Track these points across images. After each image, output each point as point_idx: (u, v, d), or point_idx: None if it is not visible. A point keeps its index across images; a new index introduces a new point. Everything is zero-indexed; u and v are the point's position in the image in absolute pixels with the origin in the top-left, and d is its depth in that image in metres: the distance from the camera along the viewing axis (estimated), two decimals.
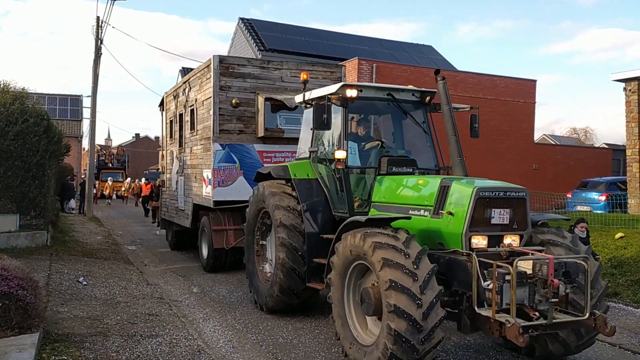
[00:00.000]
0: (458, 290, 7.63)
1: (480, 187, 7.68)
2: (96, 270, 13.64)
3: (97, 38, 32.37)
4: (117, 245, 19.59)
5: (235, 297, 11.90)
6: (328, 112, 9.20)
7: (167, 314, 10.00)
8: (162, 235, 21.62)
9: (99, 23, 32.29)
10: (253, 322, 10.02)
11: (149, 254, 18.08)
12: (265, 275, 10.93)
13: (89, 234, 22.23)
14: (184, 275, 14.23)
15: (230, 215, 14.04)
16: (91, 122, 34.28)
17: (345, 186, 9.48)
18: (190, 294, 12.05)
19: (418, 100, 10.18)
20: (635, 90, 22.48)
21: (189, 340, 8.55)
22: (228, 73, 13.52)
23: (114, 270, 14.05)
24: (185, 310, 10.58)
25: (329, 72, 14.30)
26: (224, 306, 11.06)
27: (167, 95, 18.65)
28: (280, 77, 13.95)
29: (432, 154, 10.24)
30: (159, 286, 12.65)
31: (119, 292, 11.47)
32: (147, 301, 10.89)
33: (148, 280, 13.27)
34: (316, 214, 10.01)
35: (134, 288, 12.03)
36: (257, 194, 10.90)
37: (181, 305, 11.01)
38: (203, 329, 9.43)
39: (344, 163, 9.31)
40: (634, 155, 23.08)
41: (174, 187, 17.44)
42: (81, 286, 11.67)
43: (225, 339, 8.99)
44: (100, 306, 10.18)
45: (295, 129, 13.48)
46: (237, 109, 13.57)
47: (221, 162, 13.42)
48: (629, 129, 23.07)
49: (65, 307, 9.92)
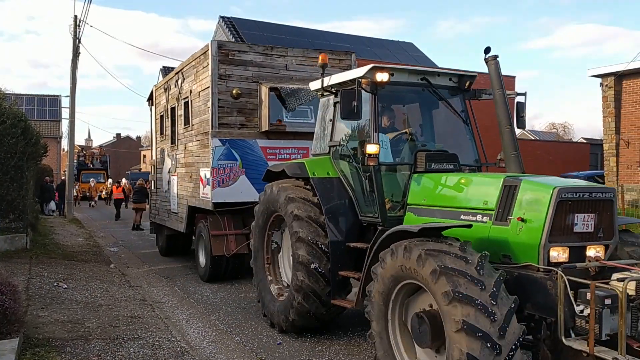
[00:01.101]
0: (534, 314, 6.01)
1: (562, 187, 6.08)
2: (77, 273, 13.16)
3: (75, 37, 31.40)
4: (98, 247, 19.01)
5: (219, 297, 11.50)
6: (358, 99, 7.59)
7: (149, 316, 9.69)
8: (144, 237, 21.40)
9: (77, 22, 31.28)
10: (237, 322, 9.67)
11: (131, 255, 17.58)
12: (278, 290, 9.29)
13: (70, 236, 21.58)
14: (167, 276, 13.75)
15: (231, 219, 12.35)
16: (70, 122, 33.32)
17: (377, 186, 7.84)
18: (173, 295, 11.69)
19: (456, 85, 8.59)
20: (611, 85, 22.45)
21: (172, 342, 8.30)
22: (228, 60, 11.83)
23: (95, 272, 13.56)
24: (168, 312, 10.26)
25: (337, 60, 12.67)
26: (208, 307, 10.69)
27: (157, 89, 16.79)
28: (285, 65, 12.29)
29: (472, 148, 8.65)
30: (142, 288, 12.28)
31: (101, 295, 11.07)
32: (129, 303, 10.55)
33: (130, 282, 12.83)
34: (340, 219, 8.38)
35: (116, 290, 11.64)
36: (269, 197, 9.22)
37: (164, 306, 10.66)
38: (186, 330, 9.16)
39: (377, 159, 7.68)
40: (610, 149, 23.12)
41: (166, 187, 15.64)
42: (62, 289, 11.22)
43: (209, 339, 8.73)
44: (82, 309, 9.81)
45: (301, 122, 11.90)
46: (237, 101, 11.88)
47: (221, 160, 11.72)
48: (606, 123, 22.97)
49: (46, 311, 9.55)
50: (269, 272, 9.56)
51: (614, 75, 22.10)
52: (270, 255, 9.64)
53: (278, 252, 9.67)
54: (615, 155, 23.02)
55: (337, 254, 8.20)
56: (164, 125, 15.86)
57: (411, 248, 5.93)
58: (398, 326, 6.51)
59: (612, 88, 22.60)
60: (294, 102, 11.67)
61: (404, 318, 6.49)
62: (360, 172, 8.32)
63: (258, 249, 9.70)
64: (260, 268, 9.60)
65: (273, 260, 9.64)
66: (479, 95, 8.58)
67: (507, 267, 6.19)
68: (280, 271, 9.57)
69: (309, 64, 12.42)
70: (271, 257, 9.64)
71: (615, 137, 22.74)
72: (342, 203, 8.47)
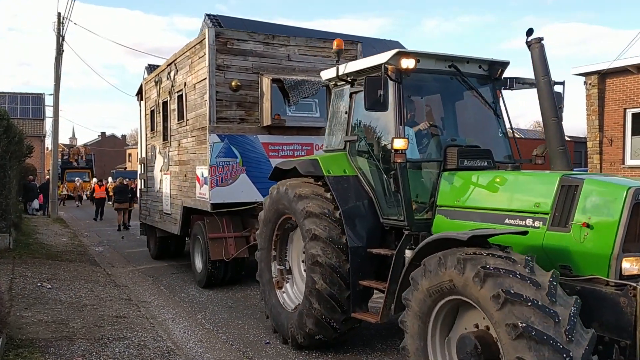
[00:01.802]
0: (603, 336, 5.04)
1: (638, 187, 5.12)
2: (61, 273, 12.77)
3: (58, 35, 30.54)
4: (83, 246, 18.52)
5: (206, 296, 11.16)
6: (385, 88, 6.59)
7: (135, 316, 9.43)
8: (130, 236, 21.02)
9: (60, 19, 30.41)
10: (223, 321, 9.41)
11: (116, 254, 17.15)
12: (288, 300, 8.27)
13: (54, 235, 21.03)
14: (152, 275, 13.35)
15: (230, 220, 11.29)
16: (54, 120, 32.35)
17: (403, 185, 6.83)
18: (159, 295, 11.36)
19: (486, 73, 7.60)
20: (595, 84, 22.06)
21: (158, 341, 8.08)
22: (226, 50, 10.76)
23: (80, 272, 13.17)
24: (154, 311, 9.99)
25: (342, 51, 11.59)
26: (194, 306, 10.42)
27: (147, 82, 15.60)
28: (287, 55, 11.23)
29: (505, 143, 7.70)
30: (127, 287, 11.94)
31: (85, 295, 10.75)
32: (114, 303, 10.27)
33: (115, 281, 12.47)
34: (360, 222, 7.37)
35: (101, 290, 11.29)
36: (277, 196, 8.16)
37: (150, 306, 10.39)
38: (172, 330, 8.94)
39: (405, 155, 6.68)
40: (594, 147, 22.95)
41: (157, 187, 14.49)
42: (46, 290, 10.91)
43: (195, 339, 8.50)
44: (66, 310, 9.55)
45: (306, 116, 10.91)
46: (237, 93, 10.83)
47: (219, 157, 10.65)
48: (590, 121, 22.76)
49: (29, 312, 9.30)
50: (278, 284, 8.51)
51: (597, 74, 21.79)
52: (279, 265, 8.59)
53: (287, 267, 8.63)
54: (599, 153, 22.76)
55: (357, 261, 7.19)
56: (155, 121, 14.68)
57: (465, 262, 4.94)
58: (439, 342, 5.55)
59: (596, 86, 22.20)
60: (297, 94, 10.66)
61: (447, 333, 5.54)
62: (381, 169, 7.35)
63: (264, 258, 8.63)
64: (268, 280, 8.54)
65: (282, 270, 8.60)
66: (512, 84, 7.62)
67: (568, 280, 5.22)
68: (288, 286, 8.53)
69: (313, 54, 11.39)
70: (280, 266, 8.60)
71: (598, 134, 22.46)
72: (361, 204, 7.47)
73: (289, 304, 8.22)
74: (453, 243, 5.30)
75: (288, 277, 8.55)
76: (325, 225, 7.25)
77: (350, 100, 7.90)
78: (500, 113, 7.69)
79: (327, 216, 7.32)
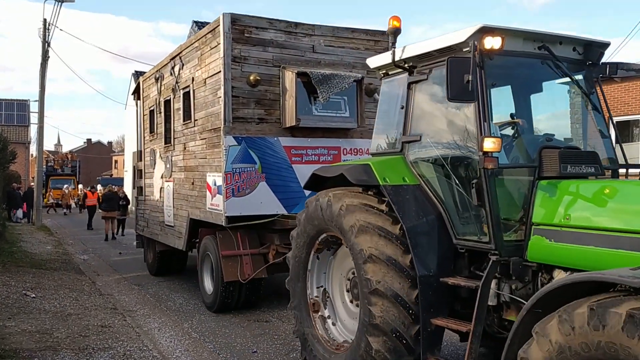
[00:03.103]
0: None
1: None
2: (45, 281, 12.33)
3: (44, 41, 29.76)
4: (67, 255, 17.84)
5: (192, 305, 10.70)
6: (474, 71, 4.96)
7: (120, 325, 9.06)
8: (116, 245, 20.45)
9: (46, 25, 29.63)
10: (210, 330, 9.00)
11: (102, 263, 16.56)
12: (331, 338, 6.54)
13: (38, 243, 20.29)
14: (139, 284, 12.85)
15: (245, 235, 9.51)
16: (39, 127, 31.45)
17: (490, 197, 5.16)
18: (145, 303, 10.92)
19: (581, 58, 5.95)
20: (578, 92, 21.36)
21: (144, 351, 7.76)
22: (243, 39, 9.03)
23: (65, 281, 12.68)
24: (140, 321, 9.61)
25: (372, 42, 9.96)
26: (181, 315, 9.98)
27: (145, 79, 13.69)
28: (312, 46, 9.51)
29: (607, 143, 6.08)
30: (112, 296, 11.48)
31: (70, 304, 10.35)
32: (99, 312, 9.89)
33: (101, 290, 12.01)
34: (428, 243, 5.63)
35: (86, 299, 10.88)
36: (317, 209, 6.42)
37: (136, 315, 9.98)
38: (158, 339, 8.55)
39: (497, 160, 5.01)
40: None
41: (157, 195, 12.63)
42: (29, 299, 10.51)
43: (182, 348, 8.13)
44: (50, 319, 9.21)
45: (334, 116, 9.27)
46: (255, 89, 9.09)
47: (236, 163, 8.89)
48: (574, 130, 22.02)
49: (13, 322, 8.96)
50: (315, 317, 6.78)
51: None
52: (317, 294, 6.87)
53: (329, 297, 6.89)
54: None
55: (428, 294, 5.47)
56: (155, 122, 12.78)
57: None
58: None
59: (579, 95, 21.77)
60: (327, 90, 8.95)
61: None
62: (454, 177, 5.68)
63: (298, 287, 6.90)
64: (306, 315, 6.79)
65: (322, 300, 6.87)
66: (613, 70, 5.99)
67: None
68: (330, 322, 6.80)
69: (340, 45, 9.69)
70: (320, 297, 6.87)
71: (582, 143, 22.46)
72: (428, 220, 5.74)
73: (330, 342, 6.50)
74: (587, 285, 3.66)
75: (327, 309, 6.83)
76: (385, 244, 5.55)
77: (409, 92, 6.22)
78: (600, 106, 6.07)
79: (386, 233, 5.62)
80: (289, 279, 7.08)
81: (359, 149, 9.65)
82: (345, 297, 6.64)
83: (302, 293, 6.83)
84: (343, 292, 6.68)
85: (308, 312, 6.76)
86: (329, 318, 6.77)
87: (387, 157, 6.38)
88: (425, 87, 6.14)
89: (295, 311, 6.94)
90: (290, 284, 7.04)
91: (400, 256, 5.52)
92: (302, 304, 6.82)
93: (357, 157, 9.62)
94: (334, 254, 6.76)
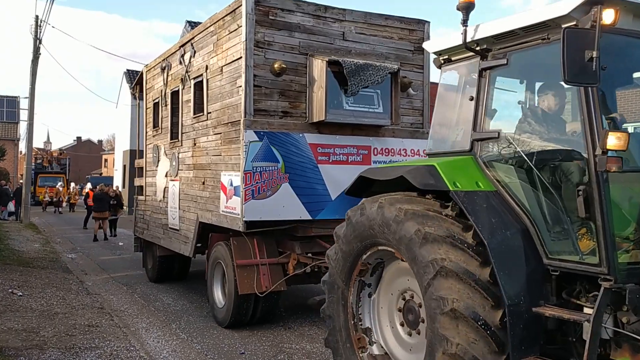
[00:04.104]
0: None
1: None
2: (33, 280, 11.97)
3: (35, 38, 28.34)
4: (55, 253, 17.19)
5: (180, 305, 10.36)
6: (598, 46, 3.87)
7: (107, 325, 8.81)
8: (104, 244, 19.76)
9: (38, 22, 28.18)
10: (198, 330, 8.69)
11: (90, 262, 15.89)
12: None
13: (26, 241, 19.66)
14: (126, 283, 12.44)
15: (262, 241, 8.27)
16: (29, 124, 30.02)
17: (605, 209, 4.04)
18: (133, 303, 10.57)
19: None
20: None
21: (131, 351, 7.44)
22: (268, 22, 7.82)
23: (52, 279, 12.31)
24: (128, 320, 9.31)
25: (407, 31, 8.80)
26: (169, 315, 9.65)
27: (149, 70, 12.32)
28: (342, 32, 8.29)
29: None
30: (100, 296, 11.08)
31: (57, 303, 10.05)
32: (86, 312, 9.57)
33: (88, 289, 11.59)
34: (515, 263, 4.44)
35: (73, 298, 10.54)
36: (364, 219, 5.21)
37: (123, 315, 9.67)
38: (146, 339, 8.24)
39: (621, 161, 3.89)
40: None
41: (160, 195, 11.27)
42: (16, 297, 10.28)
43: (169, 348, 7.81)
44: (37, 318, 8.97)
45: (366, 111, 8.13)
46: (279, 79, 7.88)
47: (257, 161, 7.66)
48: None
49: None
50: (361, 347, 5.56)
51: None
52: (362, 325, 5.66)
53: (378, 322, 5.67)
54: None
55: (518, 327, 4.28)
56: (160, 116, 11.42)
57: None
58: None
59: None
60: (359, 82, 7.78)
61: None
62: (546, 183, 4.53)
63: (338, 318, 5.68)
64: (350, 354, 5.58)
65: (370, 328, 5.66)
66: None
67: None
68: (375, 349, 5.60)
69: (372, 33, 8.49)
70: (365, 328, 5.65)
71: None
72: (512, 236, 4.56)
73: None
74: None
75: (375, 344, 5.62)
76: (460, 256, 4.40)
77: (481, 81, 5.08)
78: None
79: (460, 243, 4.46)
80: (324, 307, 5.87)
81: (391, 149, 8.50)
82: (397, 324, 5.45)
83: (344, 326, 5.60)
84: (394, 317, 5.49)
85: (353, 349, 5.54)
86: (373, 344, 5.59)
87: (452, 157, 5.21)
88: (505, 74, 5.02)
89: (332, 345, 5.73)
90: (325, 312, 5.84)
91: (479, 271, 4.36)
92: (343, 338, 5.60)
93: (389, 159, 8.47)
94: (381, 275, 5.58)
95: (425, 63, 8.82)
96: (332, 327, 5.70)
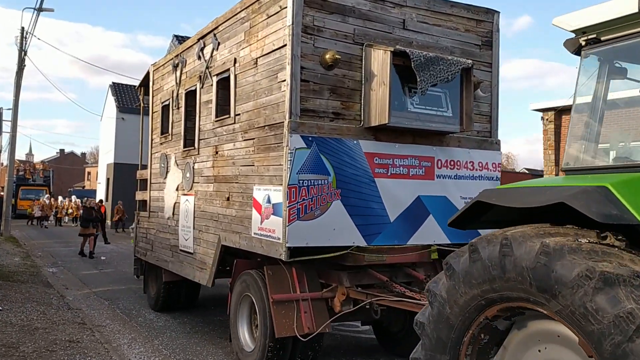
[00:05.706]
0: None
1: None
2: (12, 294, 11.57)
3: (20, 49, 27.66)
4: (36, 267, 16.53)
5: (163, 321, 9.96)
6: None
7: (89, 340, 8.31)
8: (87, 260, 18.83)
9: (24, 34, 27.54)
10: (181, 346, 8.27)
11: (71, 276, 15.35)
12: None
13: (5, 255, 18.92)
14: (108, 298, 12.05)
15: (302, 271, 6.52)
16: (11, 136, 29.39)
17: None
18: (114, 319, 10.21)
19: None
20: (552, 119, 21.82)
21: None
22: (318, 3, 6.16)
23: (32, 294, 11.93)
24: (109, 336, 8.85)
25: (474, 22, 7.20)
26: (151, 331, 9.28)
27: (157, 68, 10.48)
28: (402, 20, 6.67)
29: None
30: (81, 311, 10.65)
31: (37, 318, 9.61)
32: (67, 327, 9.10)
33: (69, 304, 11.16)
34: None
35: (54, 313, 10.14)
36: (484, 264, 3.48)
37: (105, 330, 9.23)
38: (128, 355, 7.79)
39: None
40: None
41: (169, 212, 9.43)
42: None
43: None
44: (17, 333, 8.52)
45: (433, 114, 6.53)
46: (330, 73, 6.23)
47: (304, 173, 5.97)
48: (546, 155, 22.56)
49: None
50: None
51: (554, 110, 21.27)
52: None
53: None
54: None
55: None
56: (170, 120, 9.59)
57: None
58: None
59: (552, 122, 21.83)
60: (428, 79, 6.15)
61: None
62: None
63: None
64: None
65: None
66: None
67: None
68: None
69: (436, 22, 6.89)
70: None
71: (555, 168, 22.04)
72: None
73: None
74: None
75: None
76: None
77: None
78: None
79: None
80: None
81: (457, 162, 6.88)
82: None
83: None
84: None
85: None
86: None
87: (624, 174, 3.57)
88: None
89: None
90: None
91: None
92: None
93: (454, 173, 6.84)
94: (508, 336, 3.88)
95: (494, 60, 7.25)
96: None
